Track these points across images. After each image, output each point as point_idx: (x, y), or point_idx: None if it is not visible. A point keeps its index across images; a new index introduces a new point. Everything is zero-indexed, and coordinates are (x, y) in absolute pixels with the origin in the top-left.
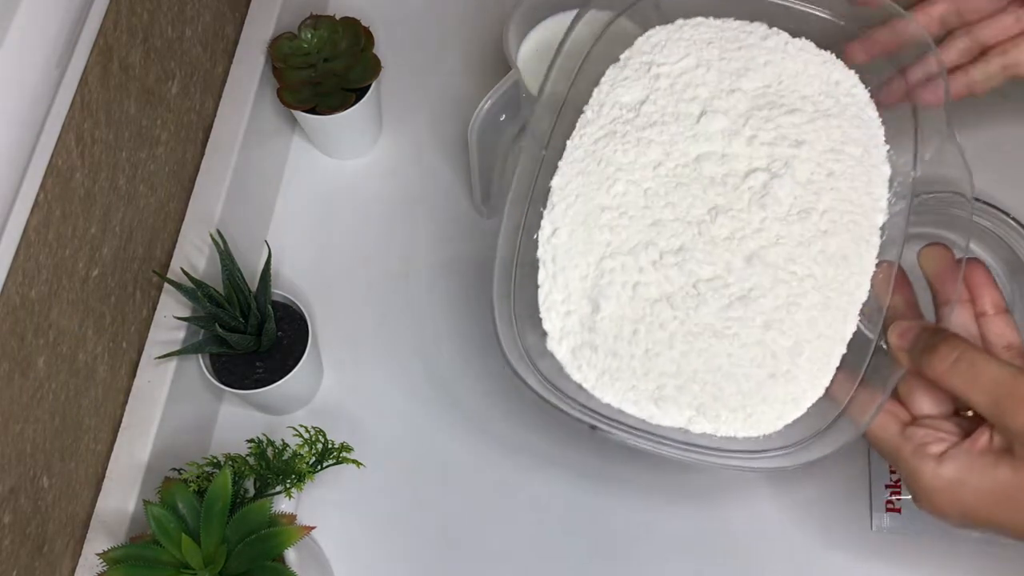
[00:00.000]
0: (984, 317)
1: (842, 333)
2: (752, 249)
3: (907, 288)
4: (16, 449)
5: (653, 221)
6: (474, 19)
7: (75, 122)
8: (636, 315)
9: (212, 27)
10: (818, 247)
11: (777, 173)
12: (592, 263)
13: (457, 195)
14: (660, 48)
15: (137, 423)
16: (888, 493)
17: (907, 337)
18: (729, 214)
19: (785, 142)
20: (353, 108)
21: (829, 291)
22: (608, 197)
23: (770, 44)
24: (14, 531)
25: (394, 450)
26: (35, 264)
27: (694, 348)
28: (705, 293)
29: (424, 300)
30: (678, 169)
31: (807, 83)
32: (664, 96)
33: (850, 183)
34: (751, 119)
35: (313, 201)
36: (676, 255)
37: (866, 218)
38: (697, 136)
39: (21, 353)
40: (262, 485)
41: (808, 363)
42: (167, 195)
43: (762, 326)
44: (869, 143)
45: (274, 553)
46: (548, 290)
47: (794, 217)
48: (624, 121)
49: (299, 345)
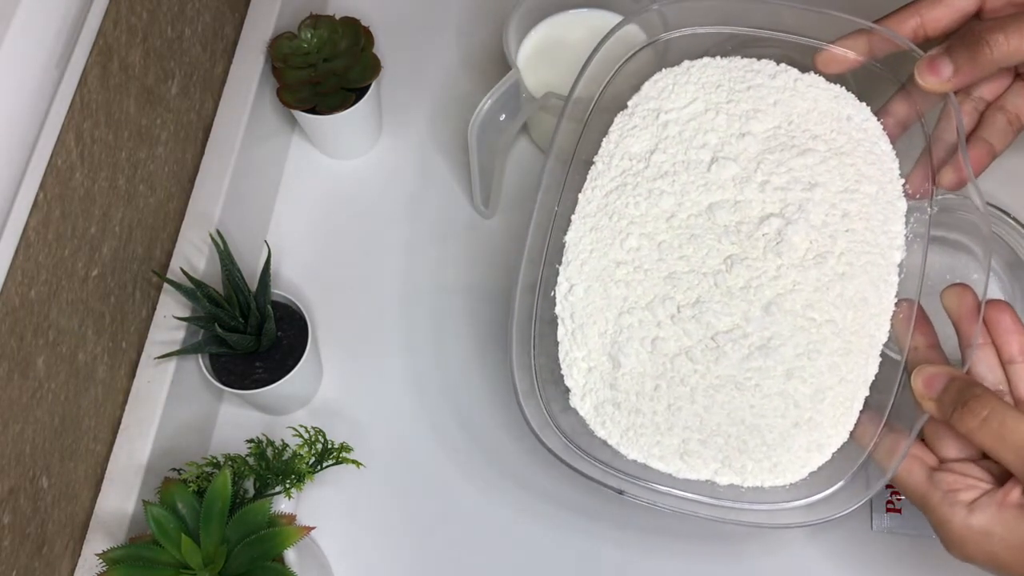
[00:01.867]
0: (1012, 364)
1: (864, 376)
2: (769, 297)
3: (928, 327)
4: (16, 449)
5: (668, 274)
6: (474, 19)
7: (75, 122)
8: (657, 371)
9: (212, 27)
10: (836, 291)
11: (791, 218)
12: (610, 319)
13: (457, 195)
14: (667, 93)
15: (137, 423)
16: (888, 493)
17: (934, 386)
18: (745, 263)
19: (798, 185)
20: (353, 108)
21: (849, 335)
22: (622, 251)
23: (779, 83)
24: (14, 531)
25: (394, 450)
26: (35, 264)
27: (716, 401)
28: (724, 345)
29: (424, 300)
30: (691, 219)
31: (818, 121)
32: (673, 144)
33: (866, 223)
34: (763, 163)
35: (313, 201)
36: (693, 308)
37: (883, 257)
38: (709, 184)
39: (21, 353)
40: (262, 485)
41: (831, 408)
42: (167, 195)
43: (783, 375)
44: (884, 179)
45: (274, 553)
46: (568, 347)
47: (810, 262)
48: (634, 172)
49: (299, 345)
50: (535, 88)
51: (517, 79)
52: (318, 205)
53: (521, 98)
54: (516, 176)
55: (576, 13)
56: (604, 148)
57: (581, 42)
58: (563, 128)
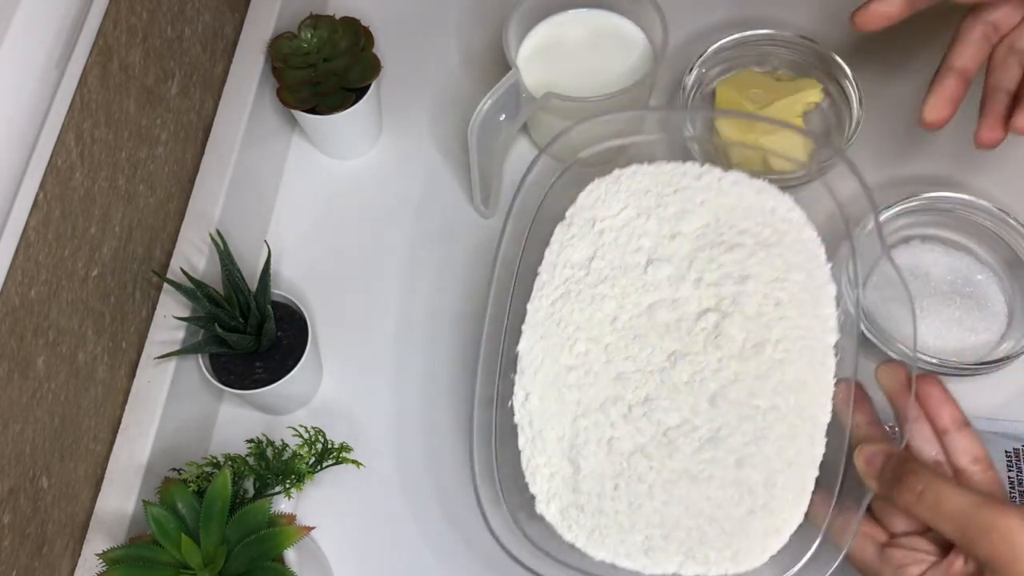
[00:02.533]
0: (946, 435)
1: (812, 457)
2: (714, 389)
3: (867, 404)
4: (16, 449)
5: (617, 375)
6: (474, 19)
7: (75, 122)
8: (615, 471)
9: (212, 27)
10: (776, 378)
11: (726, 312)
12: (567, 423)
13: (457, 195)
14: (601, 202)
15: (137, 423)
16: None
17: (874, 464)
18: (687, 358)
19: (730, 280)
20: (353, 108)
21: (794, 419)
22: (572, 357)
23: (704, 183)
24: (14, 531)
25: (394, 450)
26: (35, 264)
27: (673, 496)
28: (676, 440)
29: (424, 300)
30: (633, 320)
31: (744, 216)
32: (611, 250)
33: (798, 309)
34: (695, 261)
35: (313, 201)
36: (643, 406)
37: (819, 341)
38: (646, 286)
39: (21, 353)
40: (262, 485)
41: (784, 492)
42: (167, 195)
43: (735, 464)
44: (811, 265)
45: (274, 553)
46: (530, 454)
47: (749, 352)
48: (577, 280)
49: (299, 345)
50: (535, 88)
51: (517, 79)
52: (318, 205)
53: (521, 98)
54: (516, 176)
55: (576, 13)
56: (547, 258)
57: (581, 42)
58: (507, 240)
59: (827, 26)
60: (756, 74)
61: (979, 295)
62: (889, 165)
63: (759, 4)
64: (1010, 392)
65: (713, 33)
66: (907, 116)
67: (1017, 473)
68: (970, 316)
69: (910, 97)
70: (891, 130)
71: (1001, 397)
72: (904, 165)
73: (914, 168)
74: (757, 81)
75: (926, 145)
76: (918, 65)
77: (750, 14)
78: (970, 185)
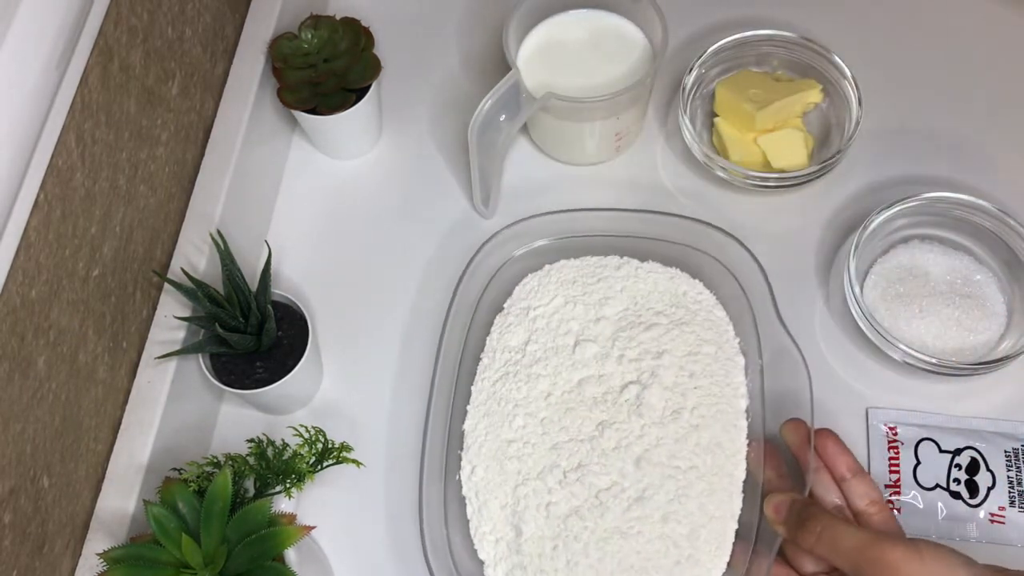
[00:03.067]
0: (844, 482)
1: (731, 511)
2: (638, 453)
3: (776, 459)
4: (16, 449)
5: (552, 445)
6: (474, 19)
7: (75, 122)
8: (553, 532)
9: (212, 27)
10: (694, 440)
11: (646, 383)
12: (509, 492)
13: (457, 195)
14: (534, 293)
15: (137, 423)
16: (888, 493)
17: (781, 511)
18: (614, 426)
19: (648, 355)
20: (353, 108)
21: (712, 477)
22: (511, 431)
23: (622, 272)
24: (14, 531)
25: (394, 450)
26: (35, 264)
27: (607, 552)
28: (607, 501)
29: (424, 300)
30: (565, 395)
31: (659, 299)
32: (543, 335)
33: (711, 379)
34: (617, 340)
35: (313, 201)
36: (577, 471)
37: (730, 405)
38: (576, 364)
39: (21, 353)
40: (262, 485)
41: (706, 544)
42: (167, 195)
43: (661, 520)
44: (721, 340)
45: (274, 553)
46: (477, 523)
47: (668, 418)
48: (514, 362)
49: (299, 345)
50: (535, 88)
51: (517, 79)
52: (318, 205)
53: (521, 98)
54: (516, 176)
55: (576, 13)
56: (488, 344)
57: (581, 42)
58: (450, 329)
59: (827, 26)
60: (755, 74)
61: (978, 295)
62: (889, 165)
63: (759, 4)
64: (1010, 392)
65: (713, 33)
66: (907, 116)
67: (1017, 473)
68: (969, 316)
69: (910, 97)
70: (891, 130)
71: (1001, 397)
72: (904, 165)
73: (914, 168)
74: (756, 81)
75: (926, 145)
76: (918, 65)
77: (749, 13)
78: (970, 185)
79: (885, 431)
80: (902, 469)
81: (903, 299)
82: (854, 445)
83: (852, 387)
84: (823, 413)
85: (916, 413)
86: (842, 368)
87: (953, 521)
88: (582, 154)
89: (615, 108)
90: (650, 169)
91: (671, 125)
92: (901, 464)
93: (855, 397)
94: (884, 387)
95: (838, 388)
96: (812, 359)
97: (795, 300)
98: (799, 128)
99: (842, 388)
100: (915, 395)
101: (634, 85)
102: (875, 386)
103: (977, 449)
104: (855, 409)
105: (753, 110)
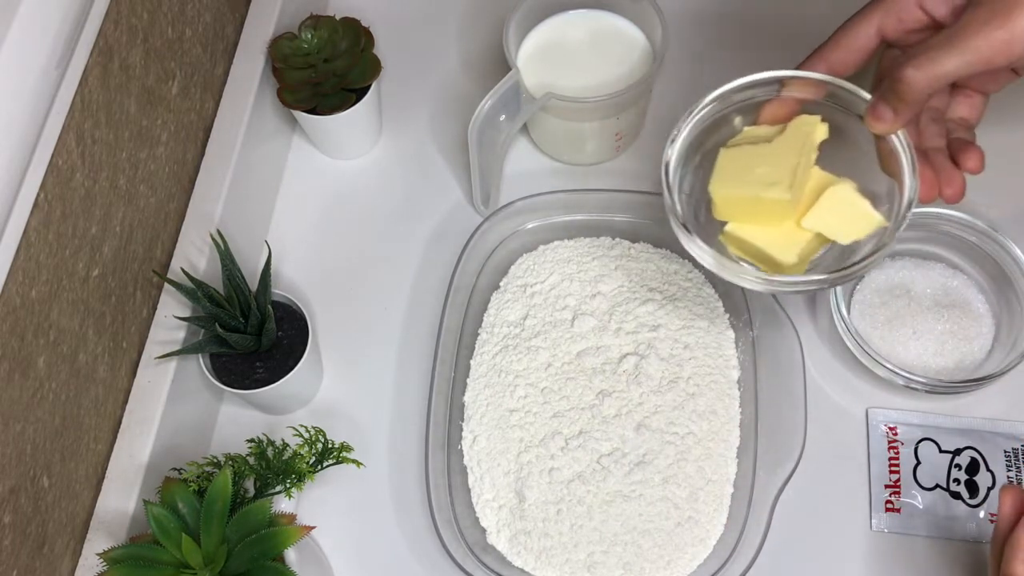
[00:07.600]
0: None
1: (727, 475)
2: (638, 420)
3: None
4: (16, 449)
5: (554, 413)
6: (474, 19)
7: (75, 122)
8: (557, 497)
9: (212, 27)
10: (690, 408)
11: (644, 354)
12: (512, 459)
13: (457, 195)
14: (530, 271)
15: (137, 423)
16: (888, 493)
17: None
18: (613, 395)
19: (645, 328)
20: (353, 108)
21: (708, 442)
22: (513, 401)
23: (616, 252)
24: (14, 531)
25: (394, 450)
26: (35, 264)
27: (610, 514)
28: (608, 466)
29: (425, 300)
30: (565, 366)
31: (652, 277)
32: (541, 310)
33: (704, 351)
34: (614, 315)
35: (313, 201)
36: (579, 438)
37: (723, 376)
38: (574, 336)
39: (21, 353)
40: (262, 485)
41: (705, 506)
42: (167, 195)
43: (661, 483)
44: (712, 315)
45: (274, 553)
46: (479, 491)
47: (665, 387)
48: (513, 336)
49: (299, 345)
50: (535, 88)
51: (517, 79)
52: (318, 205)
53: (521, 98)
54: (516, 176)
55: (576, 13)
56: (486, 321)
57: (581, 42)
58: (449, 310)
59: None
60: (738, 150)
61: (961, 303)
62: None
63: (756, 10)
64: (1010, 393)
65: (713, 33)
66: None
67: (1017, 473)
68: (960, 325)
69: None
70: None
71: (1001, 397)
72: None
73: None
74: (748, 156)
75: None
76: None
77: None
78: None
79: (885, 431)
80: (902, 469)
81: (892, 324)
82: (854, 445)
83: (852, 387)
84: (823, 413)
85: (916, 413)
86: (842, 368)
87: (953, 521)
88: (582, 154)
89: (615, 108)
90: (650, 169)
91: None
92: (901, 464)
93: (855, 397)
94: (884, 389)
95: (838, 388)
96: (813, 359)
97: None
98: (835, 180)
99: (842, 388)
100: (915, 396)
101: (634, 85)
102: (875, 387)
103: (977, 449)
104: (855, 409)
105: (783, 194)
